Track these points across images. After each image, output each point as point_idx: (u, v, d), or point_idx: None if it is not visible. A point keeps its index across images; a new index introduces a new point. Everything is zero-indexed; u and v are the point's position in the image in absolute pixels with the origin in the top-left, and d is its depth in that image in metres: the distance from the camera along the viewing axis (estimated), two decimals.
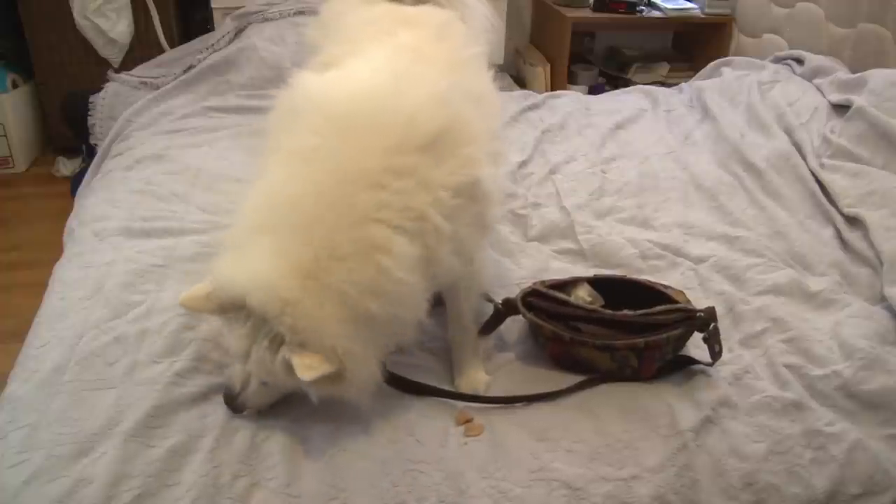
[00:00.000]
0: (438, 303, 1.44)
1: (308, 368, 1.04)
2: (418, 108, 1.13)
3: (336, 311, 1.07)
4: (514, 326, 1.46)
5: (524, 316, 1.37)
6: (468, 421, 1.25)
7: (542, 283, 1.42)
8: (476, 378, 1.34)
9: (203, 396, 1.26)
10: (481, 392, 1.32)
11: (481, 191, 1.21)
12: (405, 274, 1.10)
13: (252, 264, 1.09)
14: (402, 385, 1.30)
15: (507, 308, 1.40)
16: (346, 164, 1.10)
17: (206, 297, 1.12)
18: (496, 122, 1.39)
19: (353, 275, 1.07)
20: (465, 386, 1.33)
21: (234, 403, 1.19)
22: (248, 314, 1.09)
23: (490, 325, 1.43)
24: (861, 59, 2.43)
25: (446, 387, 1.33)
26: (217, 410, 1.23)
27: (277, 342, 1.08)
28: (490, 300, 1.43)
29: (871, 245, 1.70)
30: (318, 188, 1.10)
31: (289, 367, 1.06)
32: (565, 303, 1.37)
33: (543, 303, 1.37)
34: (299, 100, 1.19)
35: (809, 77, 2.39)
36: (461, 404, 1.29)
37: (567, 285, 1.43)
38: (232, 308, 1.10)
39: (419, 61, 1.26)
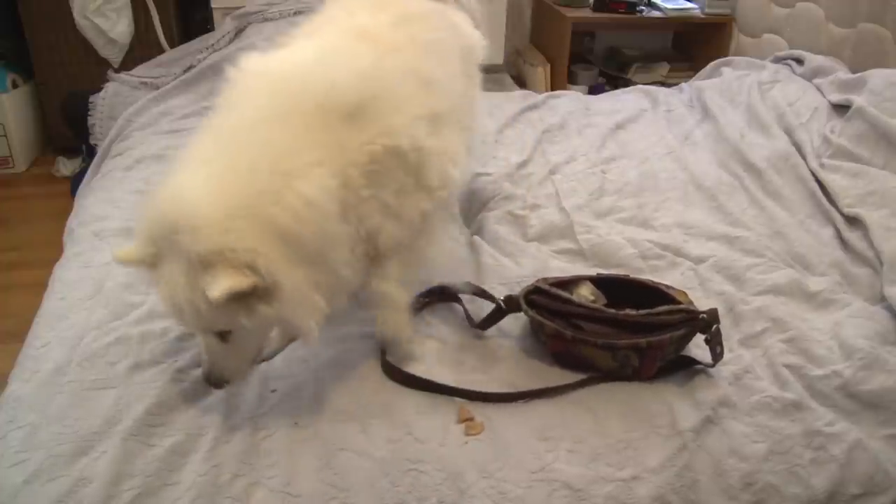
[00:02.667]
0: (443, 299, 1.44)
1: (217, 287, 1.00)
2: (340, 79, 1.18)
3: (237, 210, 1.05)
4: (515, 323, 1.46)
5: (526, 314, 1.37)
6: (469, 419, 1.25)
7: (545, 280, 1.42)
8: (381, 285, 1.31)
9: (202, 392, 1.26)
10: (403, 335, 1.33)
11: (415, 157, 1.23)
12: (319, 195, 1.10)
13: (163, 188, 1.11)
14: (402, 378, 1.30)
15: (509, 305, 1.40)
16: (272, 116, 1.14)
17: (134, 248, 1.12)
18: (452, 106, 1.38)
19: (261, 185, 1.07)
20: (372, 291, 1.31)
21: (212, 378, 1.18)
22: (163, 251, 1.08)
23: (488, 321, 1.43)
24: (861, 59, 2.43)
25: (447, 383, 1.33)
26: (217, 409, 1.23)
27: (192, 270, 1.05)
28: (492, 297, 1.43)
29: (871, 245, 1.70)
30: (241, 126, 1.14)
31: (205, 295, 1.02)
32: (568, 301, 1.37)
33: (546, 300, 1.37)
34: (239, 72, 1.23)
35: (809, 77, 2.39)
36: (460, 402, 1.29)
37: (570, 283, 1.43)
38: (153, 246, 1.09)
39: (361, 41, 1.30)
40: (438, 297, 1.49)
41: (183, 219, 1.04)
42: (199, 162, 1.13)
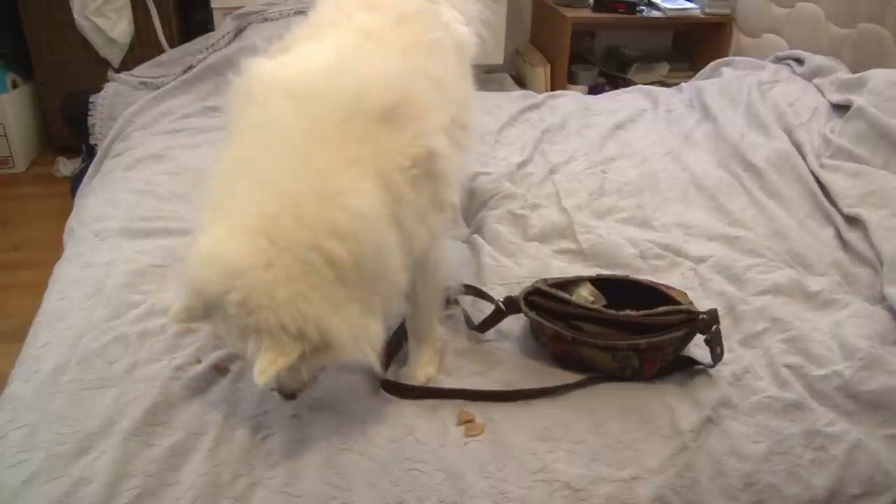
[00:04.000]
0: (445, 304, 1.44)
1: (260, 373, 0.98)
2: (367, 84, 1.13)
3: (291, 267, 1.00)
4: (513, 324, 1.46)
5: (526, 315, 1.37)
6: (469, 421, 1.25)
7: (545, 281, 1.42)
8: (416, 372, 1.34)
9: (203, 390, 1.26)
10: (418, 383, 1.32)
11: (436, 167, 1.20)
12: (373, 211, 1.06)
13: (201, 244, 1.05)
14: (403, 392, 1.30)
15: (508, 307, 1.40)
16: (304, 133, 1.08)
17: (188, 308, 1.06)
18: (459, 108, 1.38)
19: (313, 217, 1.02)
20: (404, 375, 1.34)
21: (284, 391, 1.16)
22: (213, 307, 1.04)
23: (487, 323, 1.43)
24: (861, 59, 2.43)
25: (446, 386, 1.33)
26: (217, 407, 1.23)
27: (241, 330, 1.03)
28: (492, 298, 1.43)
29: (871, 245, 1.70)
30: (274, 152, 1.08)
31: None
32: (567, 302, 1.37)
33: (545, 302, 1.37)
34: (250, 83, 1.18)
35: (809, 77, 2.39)
36: (461, 404, 1.29)
37: (569, 284, 1.43)
38: (200, 301, 1.05)
39: (371, 44, 1.27)
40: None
41: (228, 289, 1.00)
42: (236, 211, 1.05)
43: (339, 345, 1.05)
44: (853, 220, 1.80)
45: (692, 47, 3.66)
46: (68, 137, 2.97)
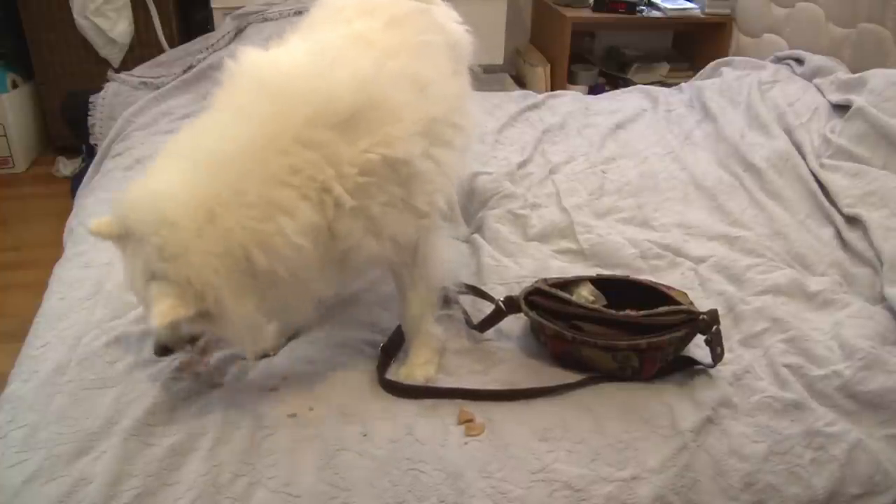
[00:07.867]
0: (445, 304, 1.45)
1: (160, 315, 1.05)
2: (338, 86, 1.16)
3: (214, 245, 1.06)
4: (513, 324, 1.46)
5: (527, 314, 1.37)
6: (469, 420, 1.25)
7: (545, 281, 1.42)
8: (415, 372, 1.35)
9: (202, 391, 1.26)
10: (417, 383, 1.33)
11: (406, 171, 1.21)
12: (301, 239, 1.11)
13: (150, 179, 1.13)
14: (403, 391, 1.30)
15: (508, 306, 1.40)
16: (264, 127, 1.13)
17: (109, 223, 1.14)
18: (450, 107, 1.38)
19: (251, 222, 1.08)
20: (402, 375, 1.34)
21: (159, 343, 1.22)
22: (129, 241, 1.11)
23: (487, 323, 1.43)
24: (861, 59, 2.43)
25: (446, 386, 1.33)
26: (217, 407, 1.23)
27: (149, 273, 1.08)
28: (492, 298, 1.43)
29: (871, 245, 1.70)
30: (238, 139, 1.13)
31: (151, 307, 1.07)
32: (568, 302, 1.37)
33: (546, 301, 1.37)
34: (234, 69, 1.23)
35: (809, 77, 2.39)
36: (461, 404, 1.29)
37: (570, 284, 1.44)
38: (122, 230, 1.12)
39: (358, 46, 1.29)
40: (444, 302, 1.49)
41: (155, 232, 1.06)
42: (192, 170, 1.11)
43: (229, 320, 1.11)
44: (853, 220, 1.80)
45: (692, 47, 3.66)
46: (68, 137, 2.97)
